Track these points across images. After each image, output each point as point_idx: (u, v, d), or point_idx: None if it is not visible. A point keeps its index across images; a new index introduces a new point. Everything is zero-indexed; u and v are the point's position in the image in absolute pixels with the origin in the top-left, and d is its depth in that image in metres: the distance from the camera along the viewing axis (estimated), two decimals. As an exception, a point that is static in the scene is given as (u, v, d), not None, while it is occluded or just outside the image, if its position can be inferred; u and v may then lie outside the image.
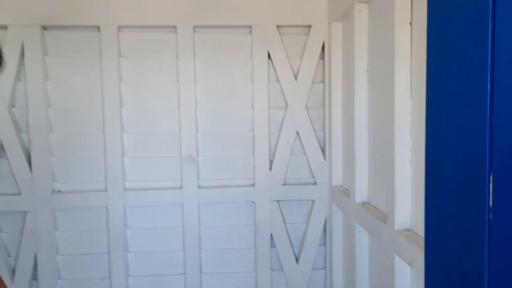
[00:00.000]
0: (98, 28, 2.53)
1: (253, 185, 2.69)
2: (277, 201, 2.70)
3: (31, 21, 2.46)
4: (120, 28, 2.56)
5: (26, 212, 2.54)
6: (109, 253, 2.63)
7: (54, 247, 2.59)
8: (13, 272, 2.58)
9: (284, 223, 2.72)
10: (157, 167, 2.64)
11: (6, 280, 2.47)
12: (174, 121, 2.62)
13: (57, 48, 2.55)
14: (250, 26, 2.61)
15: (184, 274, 2.70)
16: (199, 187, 2.65)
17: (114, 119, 2.56)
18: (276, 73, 2.64)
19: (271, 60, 2.63)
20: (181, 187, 2.64)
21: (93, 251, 2.64)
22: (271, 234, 2.71)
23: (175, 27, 2.57)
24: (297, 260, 2.74)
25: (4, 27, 2.46)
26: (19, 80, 2.52)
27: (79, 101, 2.58)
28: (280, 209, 2.71)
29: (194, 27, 2.58)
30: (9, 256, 2.58)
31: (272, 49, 2.61)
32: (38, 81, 2.50)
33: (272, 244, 2.73)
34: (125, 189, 2.62)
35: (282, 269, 2.74)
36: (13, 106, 2.53)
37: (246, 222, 2.72)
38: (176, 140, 2.63)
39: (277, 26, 2.60)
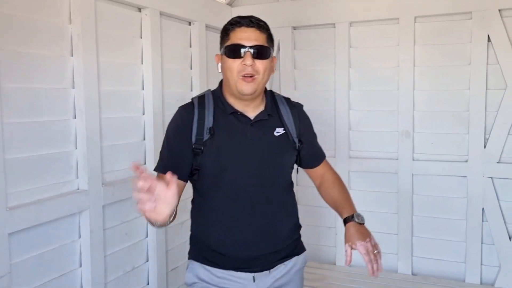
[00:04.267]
0: (333, 25, 3.13)
1: (466, 161, 2.89)
2: (491, 178, 2.83)
3: (286, 24, 3.23)
4: (351, 23, 3.10)
5: (276, 169, 3.37)
6: (335, 208, 3.25)
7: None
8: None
9: (498, 199, 2.83)
10: (377, 140, 3.11)
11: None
12: (393, 101, 3.04)
13: (303, 43, 3.27)
14: (470, 12, 2.79)
15: (397, 234, 3.11)
16: (413, 160, 3.01)
17: (343, 99, 3.14)
18: (496, 55, 2.75)
19: (491, 43, 2.75)
20: (397, 159, 3.05)
21: (323, 204, 3.28)
22: (483, 209, 2.86)
23: (398, 18, 2.96)
24: (510, 237, 2.82)
25: (267, 30, 3.30)
26: (275, 68, 3.33)
27: (316, 84, 3.25)
28: (494, 186, 2.83)
29: (415, 17, 2.91)
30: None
31: (492, 33, 2.74)
32: (288, 69, 3.27)
33: (484, 219, 2.88)
34: (350, 157, 3.18)
35: (493, 244, 2.87)
36: (270, 88, 3.36)
37: (457, 195, 2.94)
38: (395, 118, 3.04)
39: (499, 10, 2.71)
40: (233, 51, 1.48)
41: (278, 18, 3.25)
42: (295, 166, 1.73)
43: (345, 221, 1.61)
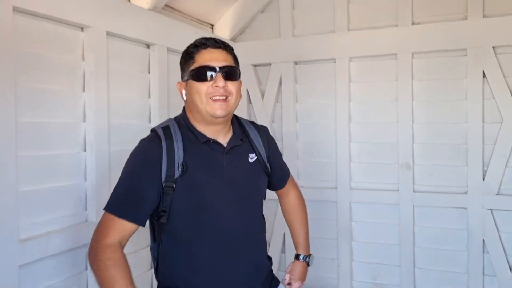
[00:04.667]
0: (334, 60, 3.24)
1: (465, 193, 2.94)
2: (490, 209, 2.87)
3: (287, 59, 3.34)
4: (350, 59, 3.21)
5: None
6: (337, 239, 3.28)
7: (297, 229, 3.38)
8: (268, 245, 3.47)
9: (498, 231, 2.87)
10: (377, 172, 3.17)
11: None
12: (393, 134, 3.11)
13: (304, 77, 3.37)
14: (465, 49, 2.90)
15: (399, 266, 3.13)
16: (414, 191, 3.06)
17: (343, 131, 3.21)
18: (491, 90, 2.85)
19: (486, 78, 2.85)
20: (398, 190, 3.10)
21: (325, 236, 3.32)
22: (483, 240, 2.90)
23: (396, 54, 3.06)
24: (511, 268, 2.85)
25: (269, 64, 3.41)
26: (277, 102, 3.43)
27: (317, 117, 3.33)
28: (493, 218, 2.87)
29: (413, 53, 3.02)
30: (266, 232, 3.49)
31: (487, 68, 2.84)
32: (290, 102, 3.36)
33: (485, 250, 2.91)
34: (351, 188, 3.23)
35: (495, 275, 2.89)
36: (272, 121, 3.45)
37: (458, 227, 2.98)
38: (395, 150, 3.10)
39: (493, 47, 2.82)
40: (202, 74, 1.38)
41: (280, 53, 3.36)
42: None
43: (298, 257, 1.77)
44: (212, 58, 1.40)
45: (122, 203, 1.38)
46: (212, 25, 3.41)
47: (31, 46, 1.86)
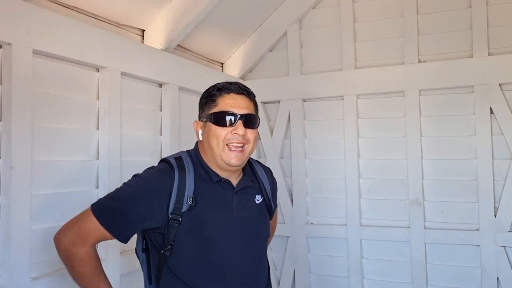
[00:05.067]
0: (342, 97, 3.28)
1: (477, 229, 2.91)
2: (504, 247, 2.83)
3: (296, 96, 3.39)
4: (358, 96, 3.25)
5: (288, 237, 3.39)
6: (348, 277, 3.22)
7: (307, 266, 3.34)
8: (278, 283, 3.42)
9: (512, 269, 2.82)
10: (387, 208, 3.15)
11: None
12: (402, 170, 3.11)
13: (312, 114, 3.41)
14: (472, 86, 2.93)
15: (412, 305, 3.06)
16: (425, 228, 3.03)
17: (353, 167, 3.22)
18: (499, 126, 2.86)
19: (494, 115, 2.87)
20: (409, 227, 3.07)
21: (336, 274, 3.27)
22: (498, 278, 2.84)
23: (403, 91, 3.10)
24: (527, 308, 2.78)
25: (278, 101, 3.46)
26: (286, 138, 3.46)
27: (326, 153, 3.35)
28: (507, 255, 2.82)
29: (420, 90, 3.06)
30: (276, 270, 3.45)
31: (494, 105, 2.86)
32: (299, 138, 3.39)
33: (500, 288, 2.85)
34: (361, 225, 3.20)
35: (511, 315, 2.82)
36: (281, 157, 3.47)
37: (471, 264, 2.93)
38: (404, 186, 3.10)
39: (499, 84, 2.85)
40: (222, 119, 1.37)
41: (288, 91, 3.42)
42: None
43: None
44: (235, 104, 1.39)
45: (112, 217, 1.34)
46: (222, 64, 3.50)
47: (48, 87, 1.93)
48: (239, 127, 1.37)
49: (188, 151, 1.51)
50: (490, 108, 2.88)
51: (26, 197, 1.74)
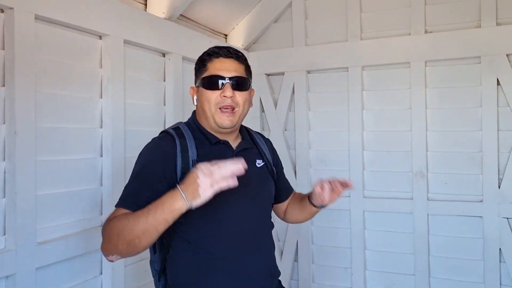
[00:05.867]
0: (346, 69, 3.25)
1: (481, 201, 2.91)
2: (507, 218, 2.84)
3: (300, 68, 3.36)
4: (363, 67, 3.22)
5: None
6: (350, 248, 3.25)
7: (310, 237, 3.37)
8: (281, 253, 3.46)
9: (515, 240, 2.83)
10: (391, 180, 3.15)
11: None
12: (407, 142, 3.10)
13: (316, 86, 3.39)
14: (479, 57, 2.89)
15: (414, 275, 3.09)
16: (428, 200, 3.03)
17: (357, 140, 3.21)
18: (505, 98, 2.83)
19: (500, 86, 2.84)
20: (412, 199, 3.08)
21: (338, 245, 3.30)
22: (500, 249, 2.85)
23: (409, 63, 3.07)
24: (529, 278, 2.80)
25: (282, 73, 3.44)
26: (290, 110, 3.45)
27: (330, 125, 3.34)
28: (510, 227, 2.83)
29: (426, 61, 3.03)
30: (279, 241, 3.49)
31: (501, 76, 2.83)
32: (303, 111, 3.37)
33: (502, 260, 2.87)
34: (364, 197, 3.21)
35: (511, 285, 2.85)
36: (285, 130, 3.46)
37: (473, 236, 2.94)
38: (408, 158, 3.09)
39: (507, 55, 2.81)
40: (212, 83, 1.42)
41: (292, 62, 3.39)
42: None
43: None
44: (223, 67, 1.43)
45: (137, 197, 1.32)
46: (226, 35, 3.46)
47: (51, 53, 1.91)
48: (227, 89, 1.41)
49: (185, 122, 1.55)
50: (497, 79, 2.84)
51: (30, 163, 1.75)
